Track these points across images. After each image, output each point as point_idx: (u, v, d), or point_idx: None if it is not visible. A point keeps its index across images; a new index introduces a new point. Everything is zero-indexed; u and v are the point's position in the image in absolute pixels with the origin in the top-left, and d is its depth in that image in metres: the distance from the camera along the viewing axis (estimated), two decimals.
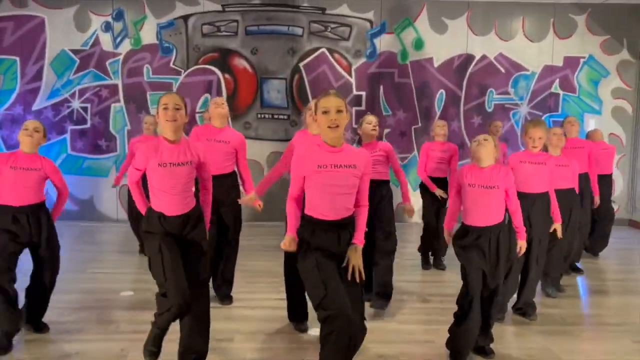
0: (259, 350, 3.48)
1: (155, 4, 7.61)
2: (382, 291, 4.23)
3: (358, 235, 2.77)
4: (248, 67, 7.80)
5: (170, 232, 2.89)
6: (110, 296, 4.46)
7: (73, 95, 7.64)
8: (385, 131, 7.90)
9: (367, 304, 4.09)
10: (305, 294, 3.66)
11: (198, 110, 7.70)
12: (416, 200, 5.59)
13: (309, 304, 3.71)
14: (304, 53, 7.82)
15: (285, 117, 7.90)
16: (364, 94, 7.91)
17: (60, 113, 7.59)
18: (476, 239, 3.29)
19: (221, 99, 4.35)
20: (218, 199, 4.21)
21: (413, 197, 4.95)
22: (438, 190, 5.32)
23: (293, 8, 7.73)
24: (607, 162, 6.04)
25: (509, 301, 4.19)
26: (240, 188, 4.39)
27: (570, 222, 4.60)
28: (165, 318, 2.81)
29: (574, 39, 7.98)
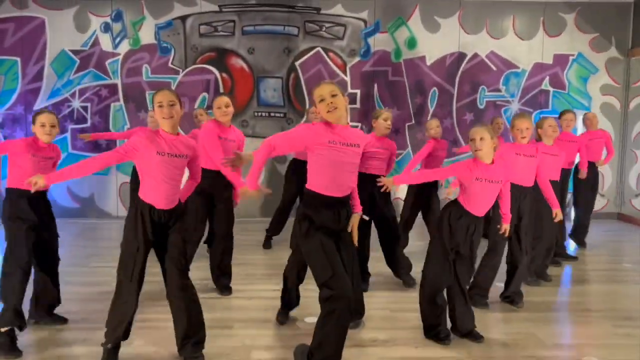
0: (256, 337, 3.65)
1: (153, 4, 7.73)
2: (408, 263, 4.79)
3: (357, 205, 3.14)
4: (245, 67, 7.94)
5: (158, 223, 3.04)
6: (114, 288, 4.58)
7: (73, 94, 7.78)
8: None
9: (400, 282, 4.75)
10: (299, 289, 3.85)
11: (196, 108, 7.82)
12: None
13: (303, 301, 3.90)
14: (300, 52, 7.96)
15: (282, 115, 8.05)
16: (358, 92, 8.06)
17: (60, 112, 7.70)
18: (467, 225, 3.43)
19: (225, 102, 4.29)
20: (215, 194, 4.39)
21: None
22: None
23: (288, 8, 7.87)
24: (598, 151, 6.25)
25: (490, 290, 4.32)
26: None
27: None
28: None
29: (563, 37, 8.14)
